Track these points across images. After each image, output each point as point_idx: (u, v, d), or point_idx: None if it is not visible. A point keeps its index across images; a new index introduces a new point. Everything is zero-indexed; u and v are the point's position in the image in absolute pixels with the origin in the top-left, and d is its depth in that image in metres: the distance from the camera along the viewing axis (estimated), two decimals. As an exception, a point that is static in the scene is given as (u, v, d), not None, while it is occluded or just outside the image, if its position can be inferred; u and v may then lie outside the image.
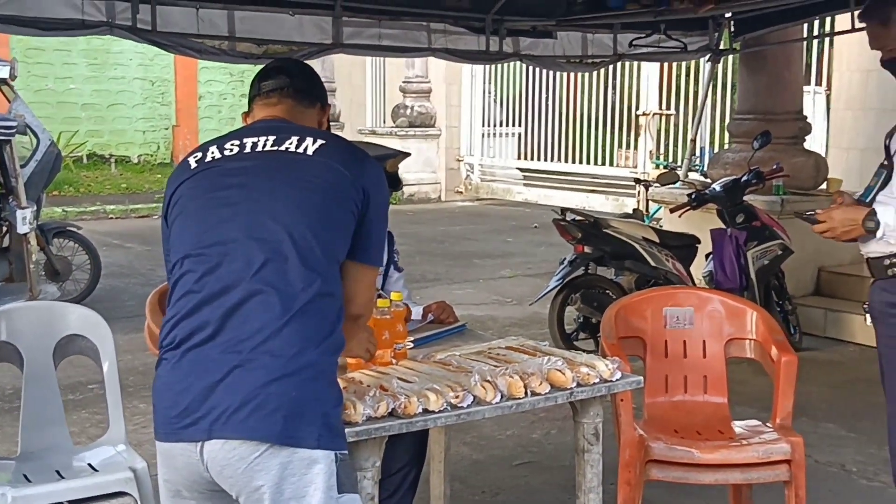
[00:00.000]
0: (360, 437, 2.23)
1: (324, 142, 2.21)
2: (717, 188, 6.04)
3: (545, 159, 14.47)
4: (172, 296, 2.13)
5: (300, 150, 2.18)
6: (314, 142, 2.19)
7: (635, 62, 11.27)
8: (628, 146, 13.38)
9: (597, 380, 2.55)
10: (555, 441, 4.63)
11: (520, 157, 15.02)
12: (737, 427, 3.30)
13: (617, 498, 3.15)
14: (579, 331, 5.95)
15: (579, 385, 2.54)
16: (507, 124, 15.17)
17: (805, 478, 3.05)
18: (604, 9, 5.75)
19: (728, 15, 6.71)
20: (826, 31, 9.05)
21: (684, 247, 6.05)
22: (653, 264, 5.77)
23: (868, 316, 3.12)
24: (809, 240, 6.39)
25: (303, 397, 1.98)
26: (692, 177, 7.84)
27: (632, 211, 8.19)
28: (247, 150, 2.21)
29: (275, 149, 2.19)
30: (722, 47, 7.23)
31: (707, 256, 6.09)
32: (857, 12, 4.41)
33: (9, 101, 7.11)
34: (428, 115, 14.98)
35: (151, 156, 18.02)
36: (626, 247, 5.79)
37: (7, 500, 2.63)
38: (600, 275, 6.11)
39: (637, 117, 13.01)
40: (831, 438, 4.64)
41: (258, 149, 2.20)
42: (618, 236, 5.81)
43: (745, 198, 6.02)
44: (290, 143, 2.19)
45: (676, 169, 7.70)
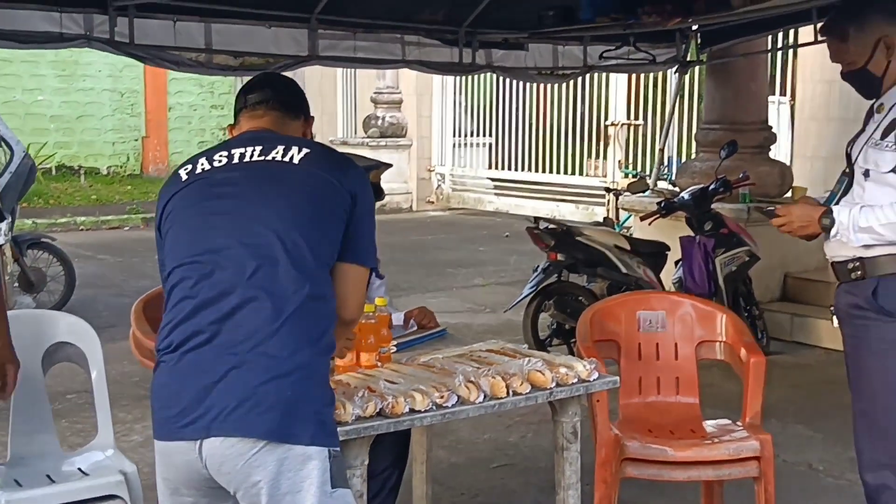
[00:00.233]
0: (349, 436, 2.32)
1: (309, 150, 2.30)
2: (686, 196, 6.18)
3: (516, 169, 14.59)
4: (168, 302, 2.21)
5: (286, 158, 2.27)
6: (300, 150, 2.28)
7: (604, 73, 11.43)
8: (597, 156, 13.53)
9: (575, 380, 2.66)
10: (531, 444, 4.74)
11: (491, 167, 15.14)
12: (708, 426, 3.42)
13: (594, 496, 3.26)
14: (553, 337, 6.06)
15: (558, 385, 2.64)
16: (478, 134, 15.29)
17: (774, 474, 3.17)
18: (574, 21, 5.86)
19: (695, 27, 6.87)
20: (790, 43, 9.26)
21: (654, 254, 6.19)
22: (624, 271, 5.90)
23: (834, 318, 3.24)
24: (776, 246, 6.61)
25: (297, 396, 2.07)
26: (661, 186, 7.99)
27: (602, 219, 8.33)
28: (235, 160, 2.30)
29: (262, 158, 2.28)
30: (689, 59, 7.39)
31: (677, 263, 6.22)
32: (819, 25, 4.56)
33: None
34: (399, 125, 15.07)
35: (121, 167, 17.96)
36: (598, 254, 5.91)
37: (0, 504, 2.69)
38: (573, 282, 6.23)
39: (606, 128, 13.17)
40: (799, 439, 4.78)
41: (246, 159, 2.29)
42: (590, 244, 5.93)
43: (713, 206, 6.16)
44: (277, 152, 2.28)
45: (645, 178, 7.85)
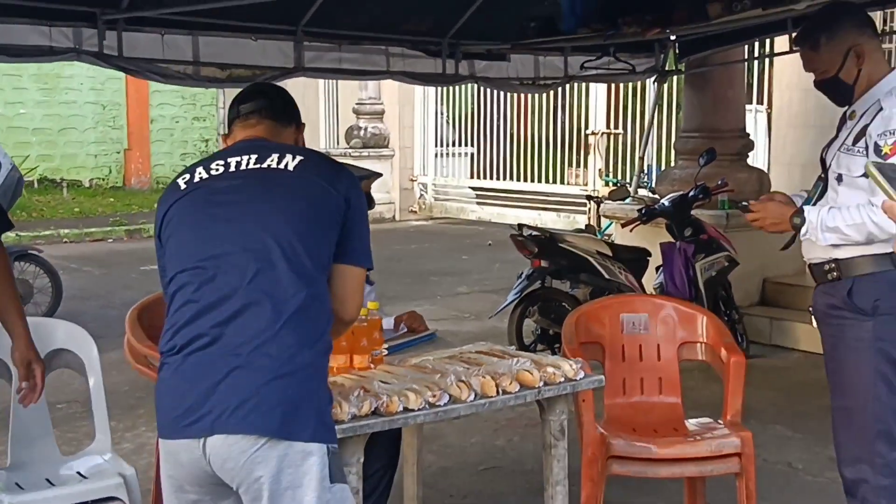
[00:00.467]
0: (346, 434, 2.41)
1: (302, 157, 2.39)
2: (666, 203, 6.29)
3: (498, 178, 14.70)
4: (171, 307, 2.29)
5: (281, 165, 2.35)
6: (294, 158, 2.37)
7: (584, 83, 11.57)
8: (578, 165, 13.66)
9: (562, 379, 2.75)
10: (518, 447, 4.82)
11: (473, 177, 15.24)
12: (690, 424, 3.52)
13: (580, 495, 3.35)
14: (537, 342, 6.15)
15: (546, 384, 2.73)
16: (460, 144, 15.39)
17: (755, 470, 3.27)
18: (556, 32, 5.97)
19: (673, 37, 7.00)
20: (766, 52, 9.41)
21: (636, 260, 6.30)
22: (607, 277, 6.00)
23: (813, 318, 3.34)
24: (755, 252, 6.74)
25: (299, 395, 2.15)
26: (641, 193, 8.11)
27: (584, 227, 8.43)
28: (232, 168, 2.38)
29: (258, 166, 2.36)
30: (668, 68, 7.52)
31: (658, 269, 6.32)
32: (794, 34, 4.67)
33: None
34: (381, 136, 15.16)
35: (103, 179, 17.95)
36: (581, 260, 6.01)
37: (3, 507, 2.75)
38: (556, 288, 6.33)
39: (586, 136, 13.29)
40: (778, 439, 4.89)
41: (242, 167, 2.37)
42: (573, 250, 6.03)
43: (693, 212, 6.27)
44: (272, 160, 2.37)
45: (626, 186, 7.96)
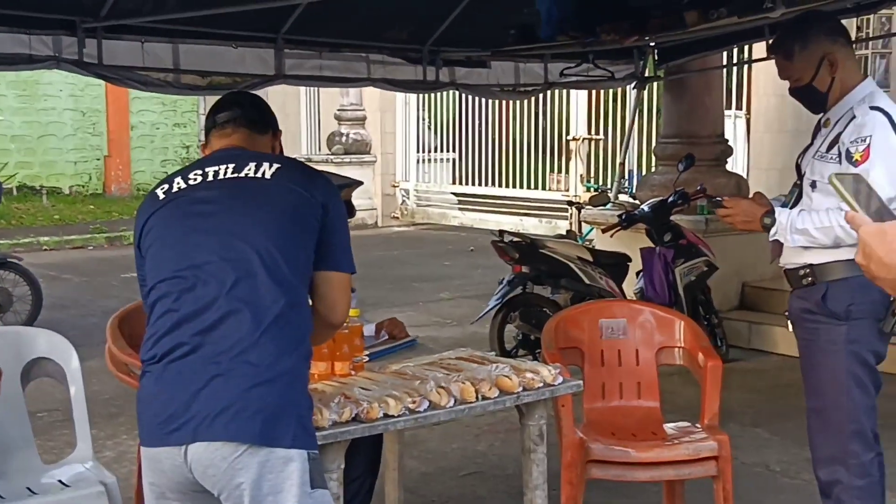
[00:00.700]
0: (327, 441, 2.43)
1: (279, 165, 2.41)
2: (646, 209, 6.35)
3: (479, 184, 14.75)
4: (151, 316, 2.31)
5: (258, 174, 2.38)
6: (270, 166, 2.39)
7: (565, 89, 11.63)
8: (560, 170, 13.73)
9: (541, 384, 2.78)
10: (498, 452, 4.85)
11: (455, 183, 15.29)
12: (669, 428, 3.56)
13: (560, 499, 3.38)
14: (519, 347, 6.18)
15: (525, 389, 2.76)
16: (442, 150, 15.43)
17: (731, 472, 3.31)
18: (535, 40, 6.01)
19: (652, 44, 7.05)
20: (745, 58, 9.50)
21: (616, 265, 6.35)
22: (587, 282, 6.04)
23: (789, 323, 3.39)
24: (734, 256, 6.80)
25: (279, 402, 2.17)
26: (622, 198, 8.17)
27: (565, 232, 8.49)
28: (210, 178, 2.40)
29: (235, 175, 2.38)
30: (647, 74, 7.58)
31: (638, 274, 6.37)
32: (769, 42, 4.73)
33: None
34: (363, 142, 15.17)
35: (83, 186, 17.89)
36: (561, 266, 6.05)
37: (-16, 517, 2.75)
38: (538, 293, 6.37)
39: (568, 142, 13.36)
40: (757, 441, 4.94)
41: (220, 177, 2.39)
42: (554, 256, 6.07)
43: (672, 217, 6.33)
44: (249, 168, 2.39)
45: (606, 191, 8.02)
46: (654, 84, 9.03)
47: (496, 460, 4.75)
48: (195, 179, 2.40)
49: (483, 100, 13.91)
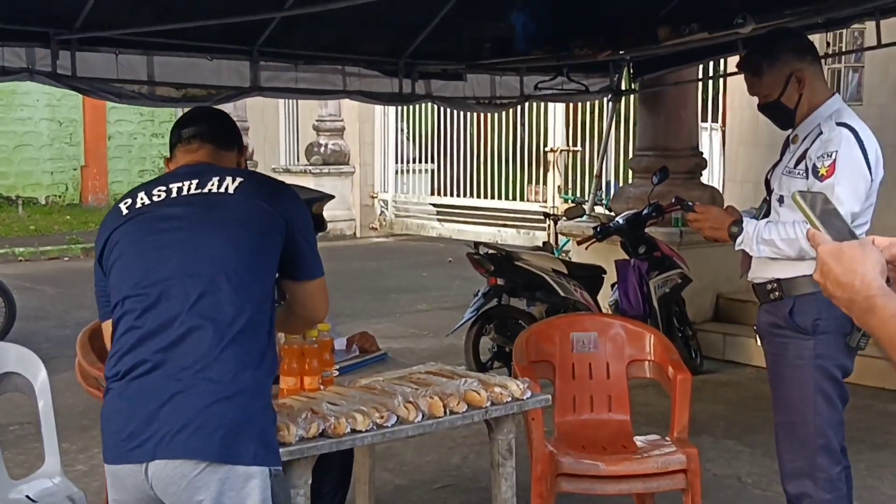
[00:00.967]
0: (293, 457, 2.43)
1: (242, 179, 2.42)
2: (621, 221, 6.37)
3: (458, 195, 14.77)
4: (115, 333, 2.31)
5: (222, 189, 2.38)
6: (234, 180, 2.40)
7: (543, 102, 11.67)
8: (538, 182, 13.77)
9: (509, 399, 2.79)
10: (472, 465, 4.85)
11: (433, 193, 15.30)
12: (639, 441, 3.58)
13: (531, 512, 3.39)
14: (494, 360, 6.19)
15: (493, 404, 2.77)
16: (421, 161, 15.45)
17: (700, 485, 3.34)
18: (511, 53, 6.04)
19: (627, 58, 7.10)
20: (720, 72, 9.56)
21: (591, 277, 6.37)
22: (562, 294, 6.06)
23: (757, 337, 3.42)
24: (708, 269, 6.83)
25: (240, 418, 2.17)
26: (598, 211, 8.20)
27: (542, 244, 8.51)
28: (173, 194, 2.40)
29: (199, 191, 2.39)
30: (622, 88, 7.63)
31: (613, 286, 6.40)
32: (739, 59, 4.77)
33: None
34: (342, 152, 15.17)
35: (59, 197, 17.79)
36: (536, 278, 6.07)
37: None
38: (513, 305, 6.38)
39: (545, 154, 13.41)
40: (729, 453, 4.97)
41: (184, 193, 2.40)
42: (528, 268, 6.09)
43: (646, 230, 6.36)
44: (212, 184, 2.39)
45: (582, 203, 8.05)
46: (632, 96, 9.08)
47: (470, 473, 4.75)
48: (159, 196, 2.41)
49: (462, 111, 13.97)
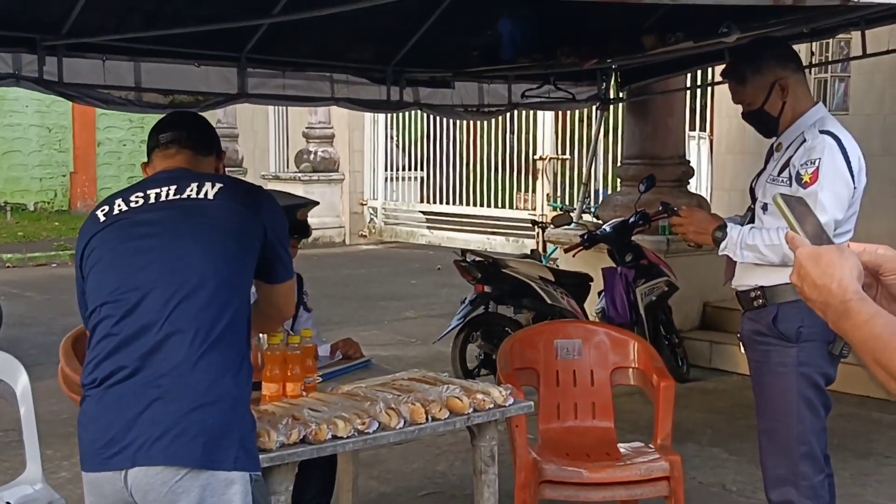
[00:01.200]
0: (274, 463, 2.42)
1: (221, 185, 2.41)
2: (607, 229, 6.39)
3: (448, 202, 14.78)
4: (92, 339, 2.30)
5: (200, 195, 2.37)
6: (213, 186, 2.39)
7: (532, 110, 11.69)
8: (527, 189, 13.79)
9: (492, 405, 2.79)
10: (458, 472, 4.84)
11: (423, 201, 15.31)
12: (622, 448, 3.58)
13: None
14: (480, 367, 6.19)
15: (476, 410, 2.77)
16: (410, 169, 15.46)
17: (684, 493, 3.34)
18: (498, 61, 6.05)
19: (614, 66, 7.12)
20: (708, 80, 9.60)
21: (578, 285, 6.38)
22: (549, 302, 6.07)
23: (741, 344, 3.43)
24: (695, 277, 6.85)
25: (220, 424, 2.17)
26: (585, 218, 8.21)
27: (530, 252, 8.52)
28: (151, 200, 2.39)
29: (177, 197, 2.38)
30: (610, 96, 7.64)
31: (600, 294, 6.41)
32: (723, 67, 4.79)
33: None
34: (331, 160, 15.17)
35: (48, 203, 17.75)
36: (523, 286, 6.08)
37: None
38: (500, 313, 6.38)
39: (534, 162, 13.43)
40: (714, 461, 4.97)
41: (162, 198, 2.39)
42: (515, 276, 6.10)
43: (633, 238, 6.37)
44: (191, 189, 2.38)
45: (569, 211, 8.06)
46: (621, 105, 9.10)
47: (455, 480, 4.74)
48: (137, 202, 2.40)
49: (450, 119, 13.98)
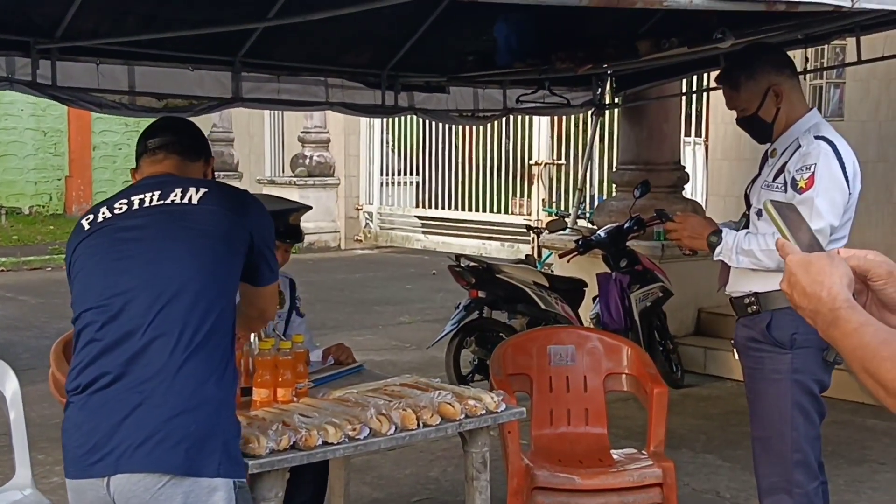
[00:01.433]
0: (264, 469, 2.40)
1: (207, 190, 2.40)
2: (602, 235, 6.38)
3: (443, 207, 14.77)
4: (77, 345, 2.29)
5: (185, 200, 2.36)
6: (197, 191, 2.38)
7: (527, 115, 11.70)
8: (522, 194, 13.79)
9: (483, 411, 2.78)
10: (451, 478, 4.82)
11: (418, 206, 15.30)
12: (615, 455, 3.57)
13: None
14: (474, 372, 6.17)
15: (467, 416, 2.75)
16: (406, 173, 15.45)
17: (676, 499, 3.32)
18: (493, 66, 6.04)
19: (610, 71, 7.12)
20: (704, 86, 9.60)
21: (572, 290, 6.37)
22: (543, 307, 6.05)
23: (735, 351, 3.42)
24: (690, 283, 6.84)
25: (204, 430, 2.15)
26: (581, 224, 8.21)
27: (524, 257, 8.51)
28: (135, 206, 2.38)
29: (161, 202, 2.37)
30: (605, 102, 7.64)
31: (594, 299, 6.40)
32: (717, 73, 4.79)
33: None
34: (327, 164, 15.16)
35: (43, 207, 17.71)
36: (517, 291, 6.06)
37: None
38: (494, 318, 6.37)
39: (530, 167, 13.43)
40: (708, 467, 4.96)
41: (146, 204, 2.37)
42: (510, 281, 6.08)
43: (628, 243, 6.37)
44: (175, 195, 2.37)
45: (564, 217, 8.06)
46: (616, 110, 9.10)
47: (449, 486, 4.73)
48: (121, 208, 2.39)
49: (446, 124, 13.99)
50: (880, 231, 8.27)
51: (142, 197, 2.39)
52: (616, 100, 7.66)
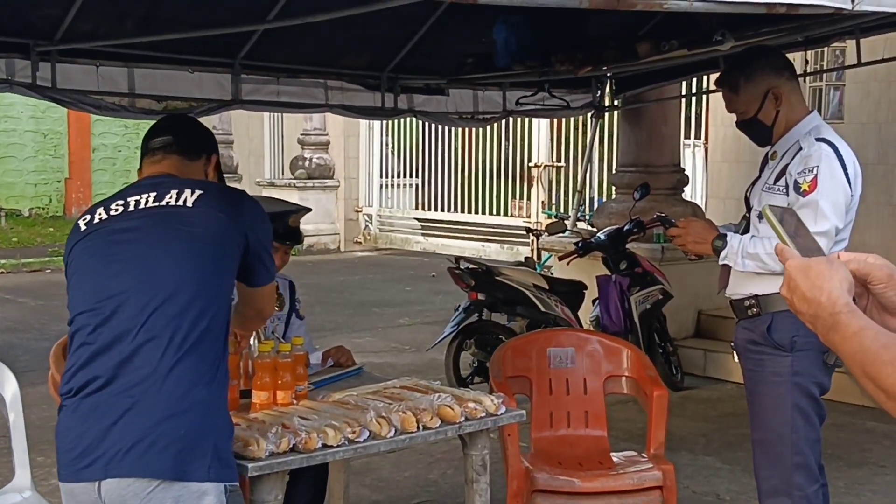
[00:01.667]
0: (263, 471, 2.40)
1: (202, 191, 2.39)
2: (602, 237, 6.38)
3: (442, 209, 14.77)
4: (70, 348, 2.29)
5: (180, 202, 2.35)
6: (192, 192, 2.37)
7: (527, 117, 11.70)
8: (521, 197, 13.78)
9: (483, 414, 2.77)
10: (451, 481, 4.82)
11: (418, 208, 15.29)
12: (615, 457, 3.57)
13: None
14: (474, 375, 6.17)
15: (467, 419, 2.75)
16: (405, 175, 15.45)
17: (676, 502, 3.32)
18: (493, 68, 6.04)
19: (609, 74, 7.12)
20: (704, 88, 9.61)
21: (572, 292, 6.36)
22: (542, 309, 6.05)
23: (735, 353, 3.42)
24: (689, 285, 6.84)
25: (193, 433, 2.15)
26: (580, 226, 8.20)
27: (524, 259, 8.51)
28: (130, 208, 2.38)
29: (156, 204, 2.36)
30: (605, 104, 7.64)
31: (594, 302, 6.40)
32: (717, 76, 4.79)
33: None
34: (326, 166, 15.16)
35: (43, 209, 17.70)
36: (517, 293, 6.06)
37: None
38: (494, 321, 6.37)
39: (529, 169, 13.43)
40: (708, 470, 4.96)
41: (141, 206, 2.37)
42: (509, 283, 6.08)
43: (628, 246, 6.37)
44: (170, 196, 2.36)
45: (564, 219, 8.05)
46: (616, 113, 9.10)
47: (448, 489, 4.72)
48: (116, 210, 2.39)
49: (445, 126, 13.98)
50: (880, 233, 8.27)
51: (138, 198, 2.39)
52: (616, 102, 7.66)
